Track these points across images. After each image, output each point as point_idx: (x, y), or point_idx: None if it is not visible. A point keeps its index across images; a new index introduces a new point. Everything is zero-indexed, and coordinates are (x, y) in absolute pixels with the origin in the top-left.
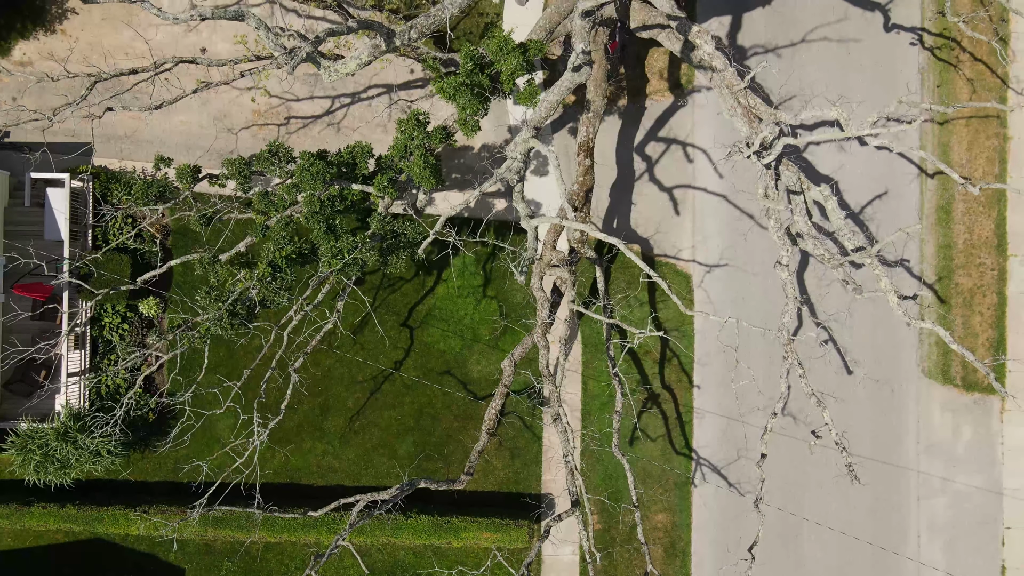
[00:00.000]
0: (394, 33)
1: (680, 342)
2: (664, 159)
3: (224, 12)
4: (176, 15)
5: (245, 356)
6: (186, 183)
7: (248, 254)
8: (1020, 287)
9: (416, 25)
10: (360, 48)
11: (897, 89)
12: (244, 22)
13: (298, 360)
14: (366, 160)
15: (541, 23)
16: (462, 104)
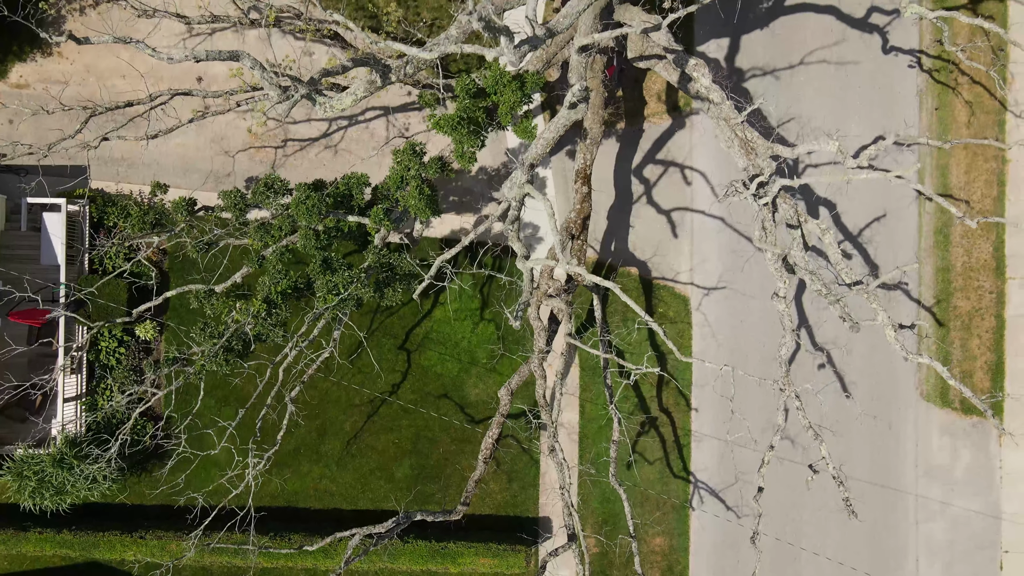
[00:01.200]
0: (390, 68)
1: (678, 364)
2: (662, 181)
3: (218, 54)
4: (171, 55)
5: (242, 381)
6: (181, 216)
7: (244, 285)
8: (1018, 310)
9: (412, 60)
10: (356, 83)
11: (896, 111)
12: (239, 62)
13: (294, 389)
14: (362, 191)
15: (538, 53)
16: (458, 139)
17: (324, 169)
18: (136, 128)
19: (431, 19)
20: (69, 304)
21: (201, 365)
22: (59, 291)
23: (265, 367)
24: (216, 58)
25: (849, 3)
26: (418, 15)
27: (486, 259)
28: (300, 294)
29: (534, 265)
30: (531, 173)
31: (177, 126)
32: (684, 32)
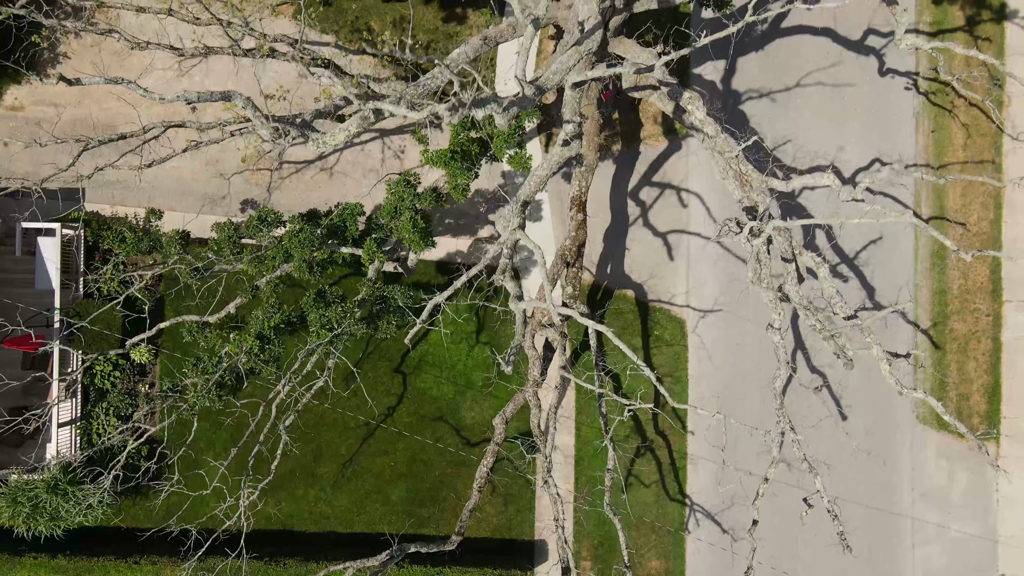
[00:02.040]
0: None
1: (674, 388)
2: (658, 204)
3: (210, 95)
4: (163, 96)
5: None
6: (174, 250)
7: (238, 316)
8: (1015, 333)
9: (406, 96)
10: (350, 120)
11: (892, 133)
12: (231, 102)
13: (288, 418)
14: (356, 222)
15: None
16: (452, 173)
17: (319, 191)
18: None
19: (426, 41)
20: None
21: (194, 401)
22: (53, 317)
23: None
24: (208, 99)
25: (845, 25)
26: (414, 37)
27: (481, 282)
28: (293, 328)
29: (527, 307)
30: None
31: (171, 155)
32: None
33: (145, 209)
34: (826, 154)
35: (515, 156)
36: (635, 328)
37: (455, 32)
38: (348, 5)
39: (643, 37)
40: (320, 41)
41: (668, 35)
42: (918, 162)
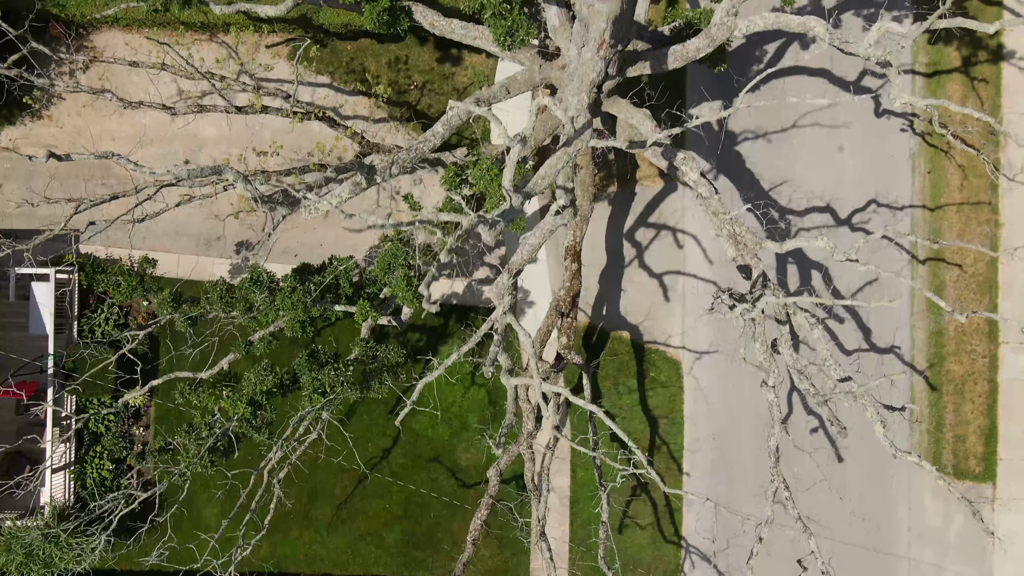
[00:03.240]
0: (375, 170)
1: (669, 429)
2: (654, 245)
3: (201, 171)
4: (154, 169)
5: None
6: (166, 311)
7: (231, 372)
8: (1012, 374)
9: (397, 160)
10: (342, 186)
11: (888, 174)
12: (222, 176)
13: (282, 471)
14: (349, 279)
15: (528, 143)
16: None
17: (316, 232)
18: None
19: (422, 81)
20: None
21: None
22: (47, 362)
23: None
24: (199, 176)
25: (841, 66)
26: (409, 79)
27: (477, 321)
28: (286, 390)
29: (519, 382)
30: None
31: (164, 210)
32: (675, 94)
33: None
34: (822, 195)
35: None
36: (631, 370)
37: (451, 73)
38: (343, 46)
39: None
40: (316, 82)
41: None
42: (914, 203)
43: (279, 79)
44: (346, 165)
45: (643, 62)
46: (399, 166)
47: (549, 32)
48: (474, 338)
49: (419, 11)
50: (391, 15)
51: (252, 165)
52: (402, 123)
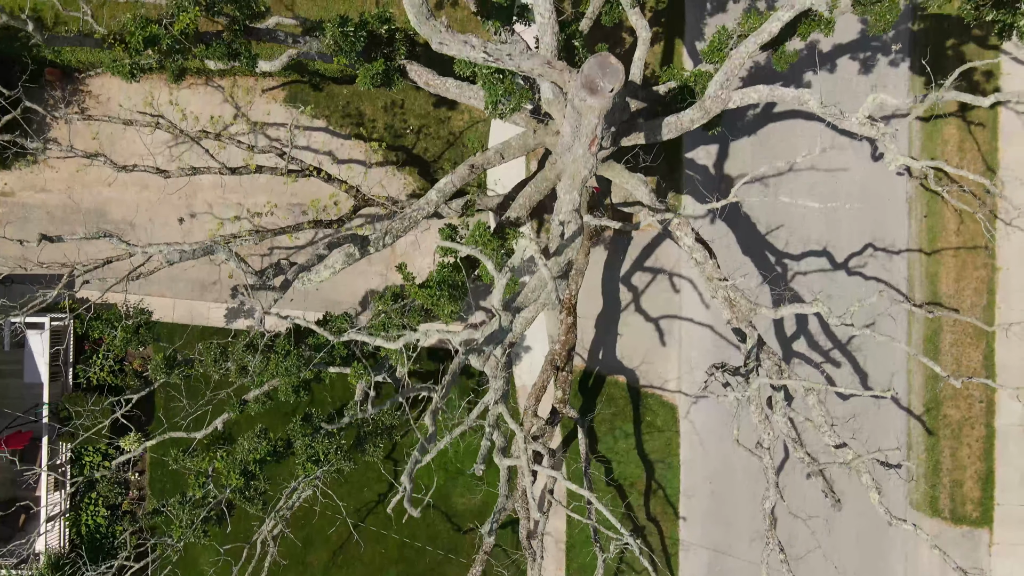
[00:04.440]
0: (368, 240)
1: (666, 473)
2: (650, 289)
3: (193, 252)
4: (146, 248)
5: None
6: (160, 375)
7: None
8: (1009, 419)
9: (391, 230)
10: (335, 257)
11: (885, 218)
12: (215, 255)
13: (276, 528)
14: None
15: (521, 201)
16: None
17: None
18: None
19: (418, 126)
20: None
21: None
22: (42, 412)
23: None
24: (191, 257)
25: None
26: (405, 123)
27: (473, 370)
28: (280, 457)
29: (512, 463)
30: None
31: (158, 268)
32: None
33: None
34: (819, 239)
35: None
36: (627, 414)
37: (447, 117)
38: (339, 91)
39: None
40: (312, 126)
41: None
42: (911, 247)
43: (275, 123)
44: (338, 239)
45: (637, 133)
46: (392, 235)
47: (543, 103)
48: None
49: (413, 70)
50: (385, 76)
51: (246, 225)
52: (398, 168)
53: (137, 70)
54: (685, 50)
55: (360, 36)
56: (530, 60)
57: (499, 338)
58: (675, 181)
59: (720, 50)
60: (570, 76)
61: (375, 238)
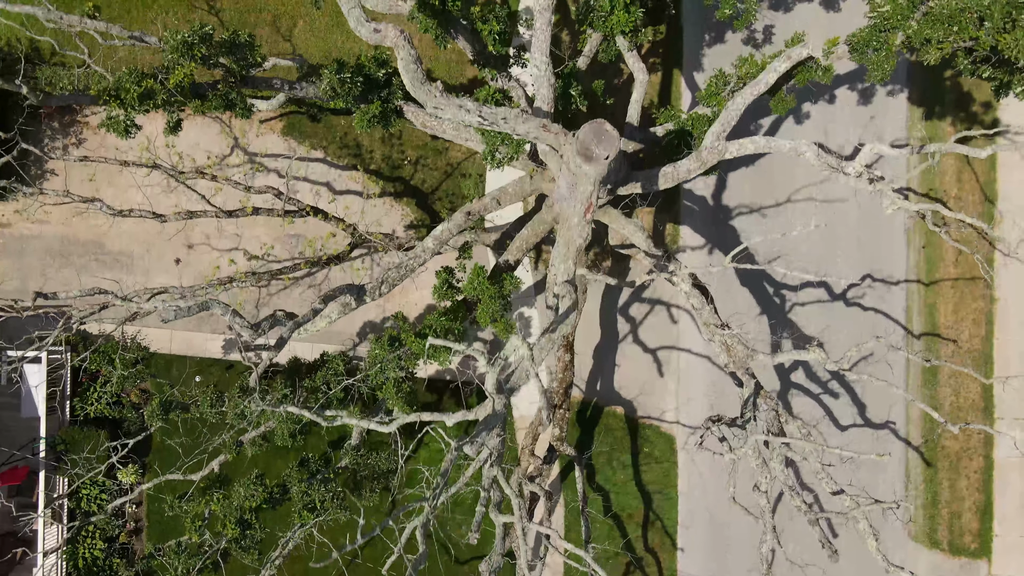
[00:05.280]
0: (364, 290)
1: (663, 504)
2: (648, 320)
3: (189, 309)
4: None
5: None
6: (155, 420)
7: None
8: (1007, 451)
9: (388, 279)
10: (330, 306)
11: (883, 249)
12: (210, 311)
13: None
14: (340, 381)
15: (518, 243)
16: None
17: (306, 309)
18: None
19: (415, 156)
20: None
21: None
22: (38, 446)
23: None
24: (186, 315)
25: (836, 141)
26: (402, 154)
27: (471, 400)
28: (276, 503)
29: (506, 520)
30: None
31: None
32: (671, 156)
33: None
34: (817, 269)
35: (500, 323)
36: (624, 445)
37: (444, 148)
38: (336, 121)
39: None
40: (309, 157)
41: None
42: (909, 277)
43: (273, 154)
44: (333, 292)
45: (634, 183)
46: (389, 284)
47: (540, 152)
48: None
49: (410, 111)
50: (382, 117)
51: (243, 267)
52: (396, 199)
53: (133, 126)
54: (683, 79)
55: (357, 82)
56: (525, 124)
57: (493, 423)
58: (673, 212)
59: (717, 94)
60: (566, 139)
61: (371, 288)
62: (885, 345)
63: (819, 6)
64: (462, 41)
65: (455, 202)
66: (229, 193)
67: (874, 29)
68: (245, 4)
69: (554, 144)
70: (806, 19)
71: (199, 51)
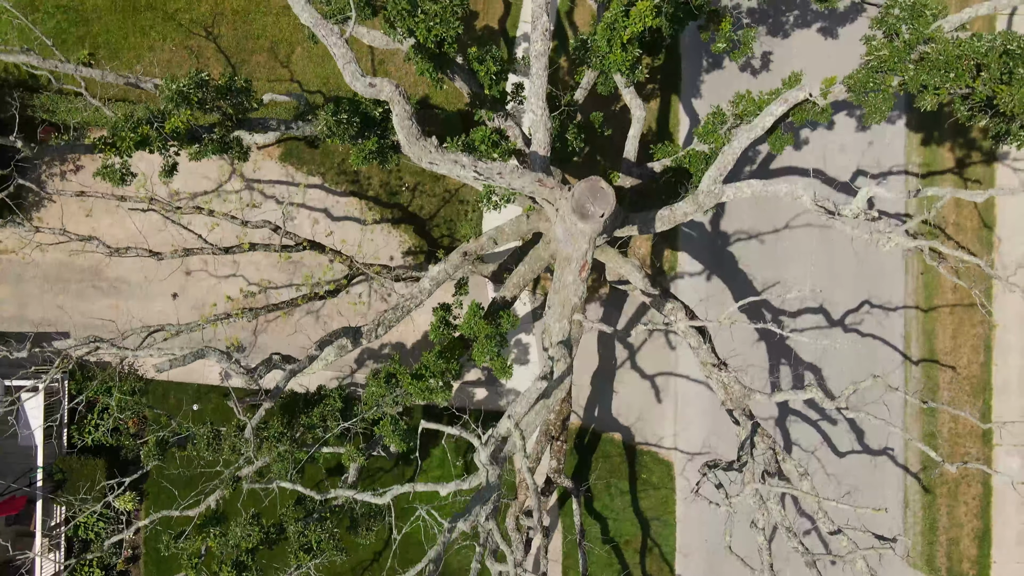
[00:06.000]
0: (361, 332)
1: (661, 531)
2: (646, 347)
3: (184, 359)
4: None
5: None
6: (151, 460)
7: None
8: (1006, 477)
9: (384, 321)
10: (327, 350)
11: (881, 275)
12: (206, 359)
13: None
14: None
15: (515, 280)
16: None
17: (305, 336)
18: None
19: (413, 183)
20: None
21: None
22: (35, 476)
23: None
24: (182, 364)
25: (835, 167)
26: (400, 180)
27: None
28: (273, 543)
29: (502, 568)
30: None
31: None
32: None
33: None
34: (815, 296)
35: (496, 362)
36: (622, 471)
37: (442, 174)
38: (334, 147)
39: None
40: (308, 183)
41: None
42: (907, 303)
43: (271, 180)
44: (329, 337)
45: (631, 225)
46: (385, 326)
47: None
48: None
49: None
50: (379, 153)
51: (239, 303)
52: (394, 225)
53: (128, 175)
54: (681, 105)
55: (353, 121)
56: (521, 179)
57: (487, 495)
58: (671, 238)
59: (714, 132)
60: (561, 194)
61: (367, 330)
62: (883, 384)
63: (816, 32)
64: (459, 81)
65: (453, 228)
66: (227, 228)
67: (871, 71)
68: (243, 31)
69: (549, 198)
70: (803, 46)
71: (195, 97)
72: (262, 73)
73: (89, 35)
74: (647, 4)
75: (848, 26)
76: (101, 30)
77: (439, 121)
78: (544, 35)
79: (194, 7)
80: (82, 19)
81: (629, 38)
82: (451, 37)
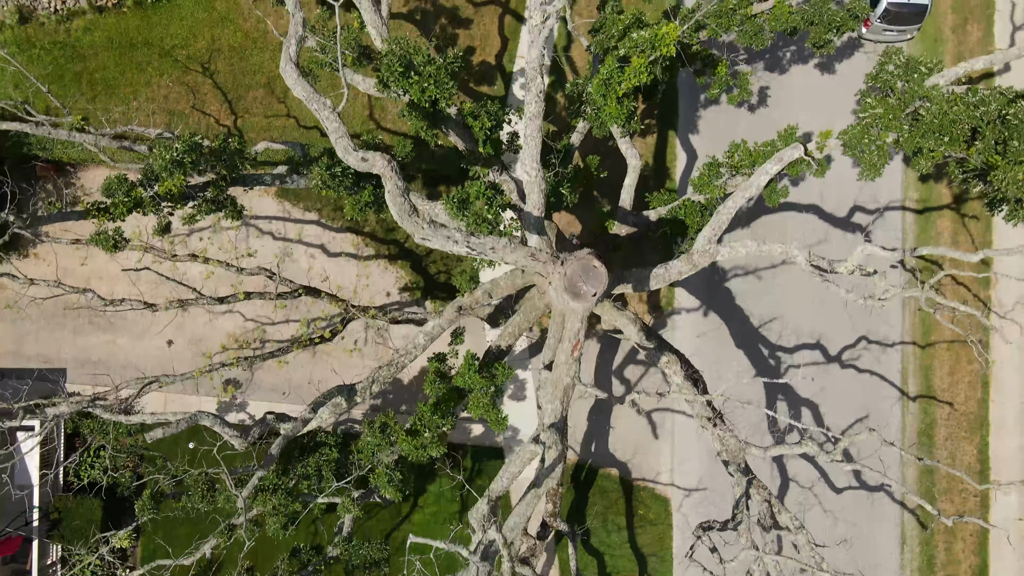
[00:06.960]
0: (355, 391)
1: (658, 567)
2: (643, 382)
3: (177, 424)
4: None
5: None
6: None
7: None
8: (1003, 513)
9: (378, 378)
10: (322, 409)
11: (879, 311)
12: (199, 423)
13: None
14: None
15: (510, 330)
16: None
17: (302, 371)
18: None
19: None
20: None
21: None
22: (31, 517)
23: None
24: (175, 431)
25: (831, 202)
26: None
27: (465, 463)
28: None
29: None
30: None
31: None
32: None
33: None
34: (812, 331)
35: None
36: (619, 507)
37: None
38: None
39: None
40: (303, 219)
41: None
42: (904, 339)
43: (267, 216)
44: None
45: (625, 284)
46: (380, 383)
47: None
48: None
49: None
50: (375, 203)
51: (234, 352)
52: (390, 262)
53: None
54: (678, 141)
55: (348, 174)
56: (514, 253)
57: (487, 555)
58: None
59: (709, 184)
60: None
61: (362, 388)
62: (878, 438)
63: (813, 68)
64: (453, 136)
65: (448, 264)
66: (222, 274)
67: (865, 128)
68: (240, 67)
69: (542, 272)
70: (801, 81)
71: (188, 160)
72: (259, 109)
73: (86, 71)
74: (642, 61)
75: (846, 61)
76: (98, 67)
77: (436, 157)
78: (538, 97)
79: (191, 44)
80: (78, 55)
81: (624, 92)
82: (445, 96)
